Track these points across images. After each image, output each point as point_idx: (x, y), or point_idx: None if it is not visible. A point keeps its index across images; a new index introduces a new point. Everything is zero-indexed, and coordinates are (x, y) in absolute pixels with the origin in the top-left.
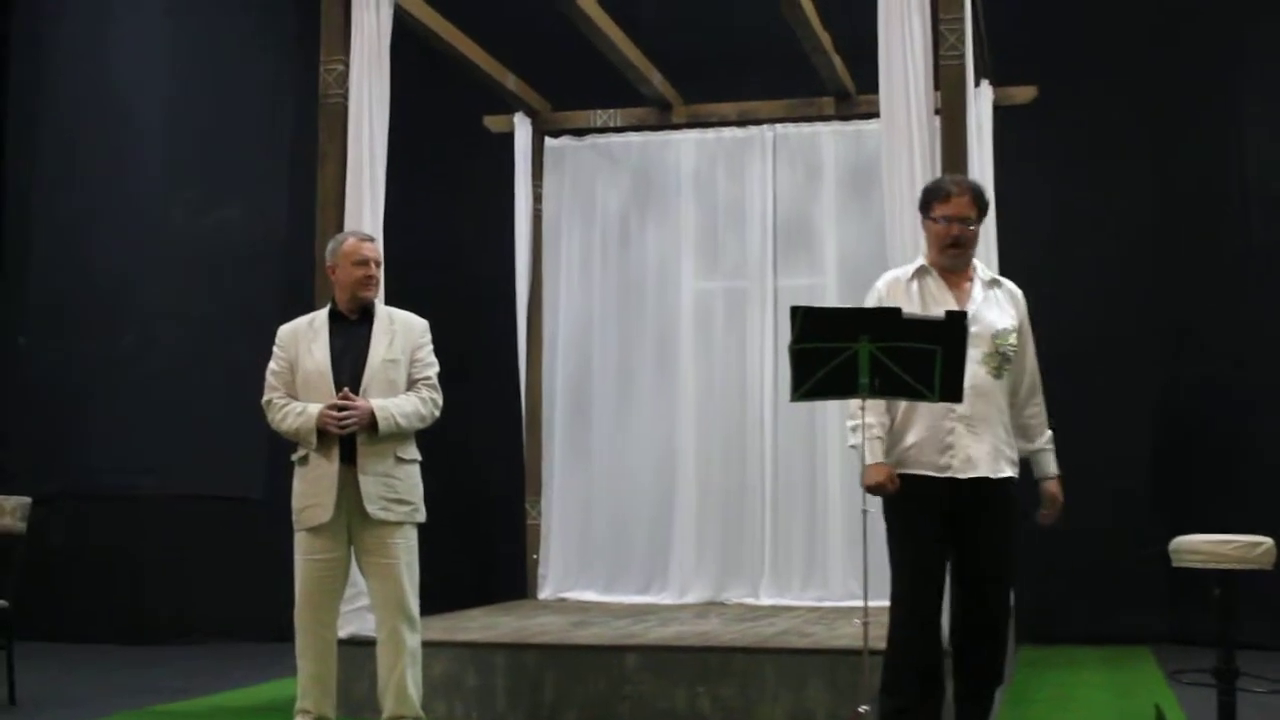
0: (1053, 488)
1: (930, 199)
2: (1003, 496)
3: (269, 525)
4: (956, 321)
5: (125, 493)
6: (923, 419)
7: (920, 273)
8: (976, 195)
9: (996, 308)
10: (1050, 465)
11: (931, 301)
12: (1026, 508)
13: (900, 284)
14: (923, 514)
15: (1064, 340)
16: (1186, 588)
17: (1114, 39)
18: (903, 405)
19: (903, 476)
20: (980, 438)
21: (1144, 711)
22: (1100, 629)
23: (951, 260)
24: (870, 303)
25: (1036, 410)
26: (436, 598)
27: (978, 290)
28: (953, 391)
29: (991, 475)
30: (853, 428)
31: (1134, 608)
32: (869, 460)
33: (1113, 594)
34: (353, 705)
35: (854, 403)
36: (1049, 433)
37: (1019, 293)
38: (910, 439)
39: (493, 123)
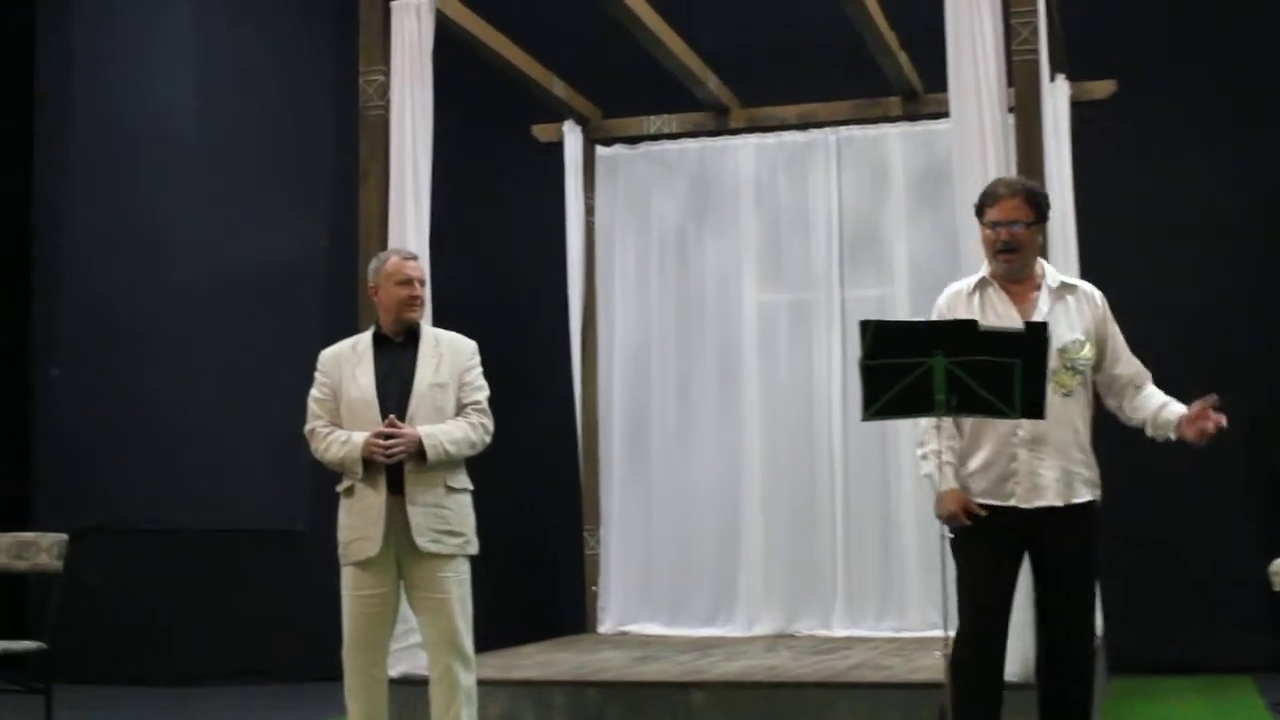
0: (1203, 406)
1: (982, 204)
2: (1078, 524)
3: (314, 559)
4: (1037, 333)
5: (163, 528)
6: (987, 443)
7: (981, 285)
8: (1030, 196)
9: (1065, 319)
10: (1175, 409)
11: (993, 315)
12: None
13: (961, 297)
14: (985, 544)
15: (1150, 348)
16: None
17: (1197, 26)
18: (968, 427)
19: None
20: (1046, 462)
21: None
22: (1198, 658)
23: (1006, 267)
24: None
25: (1151, 391)
26: (491, 633)
27: (1044, 300)
28: (1035, 407)
29: (1060, 504)
30: (923, 455)
31: (1234, 635)
32: (942, 488)
33: (1211, 620)
34: None
35: (922, 427)
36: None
37: (1096, 294)
38: (973, 464)
39: (541, 132)
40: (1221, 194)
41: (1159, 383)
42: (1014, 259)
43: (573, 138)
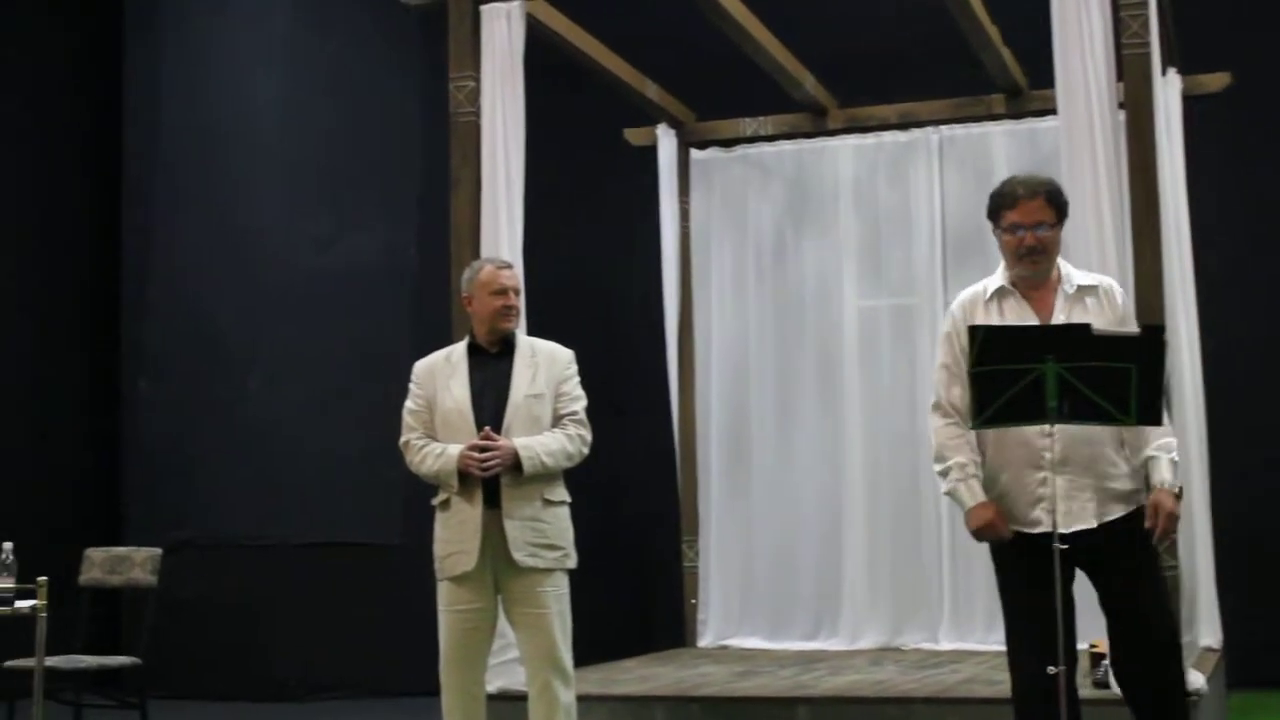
0: (1158, 496)
1: (998, 207)
2: (1121, 538)
3: (409, 573)
4: (1154, 336)
5: (254, 542)
6: (1011, 464)
7: (1000, 294)
8: (1051, 195)
9: (1087, 320)
10: (1159, 473)
11: (1013, 322)
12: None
13: (979, 304)
14: (1030, 573)
15: (1262, 343)
16: None
17: None
18: (990, 443)
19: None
20: (1076, 483)
21: None
22: None
23: (1032, 271)
24: (945, 327)
25: (1160, 433)
26: (589, 648)
27: (1060, 304)
28: (1151, 413)
29: (1096, 524)
30: (942, 471)
31: None
32: (970, 502)
33: None
34: None
35: (938, 441)
36: (1164, 440)
37: (1116, 291)
38: (998, 489)
39: (634, 136)
40: None
41: None
42: (1040, 262)
43: (667, 141)
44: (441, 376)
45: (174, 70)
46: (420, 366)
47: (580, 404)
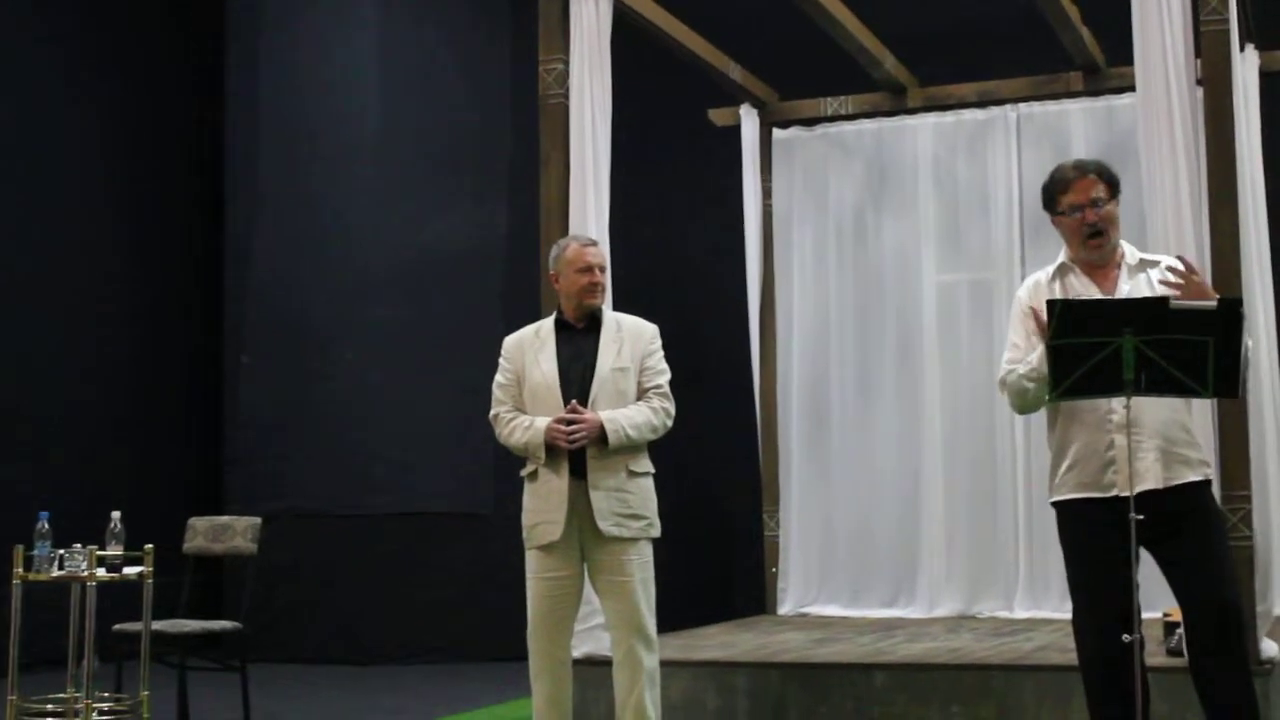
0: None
1: (1053, 193)
2: (1187, 502)
3: (498, 541)
4: (1232, 309)
5: (349, 511)
6: (1080, 435)
7: (1061, 271)
8: (1101, 172)
9: (1148, 292)
10: None
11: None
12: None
13: (1042, 287)
14: (1094, 537)
15: None
16: None
17: None
18: (1062, 414)
19: (1068, 502)
20: (1143, 445)
21: None
22: None
23: (1096, 250)
24: (1015, 312)
25: None
26: (672, 615)
27: (1124, 279)
28: (1230, 385)
29: (1161, 485)
30: (1010, 375)
31: None
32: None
33: None
34: None
35: (1003, 371)
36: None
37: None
38: (1069, 459)
39: (718, 116)
40: None
41: None
42: (1104, 241)
43: (749, 121)
44: (530, 351)
45: (271, 64)
46: (509, 341)
47: (664, 378)
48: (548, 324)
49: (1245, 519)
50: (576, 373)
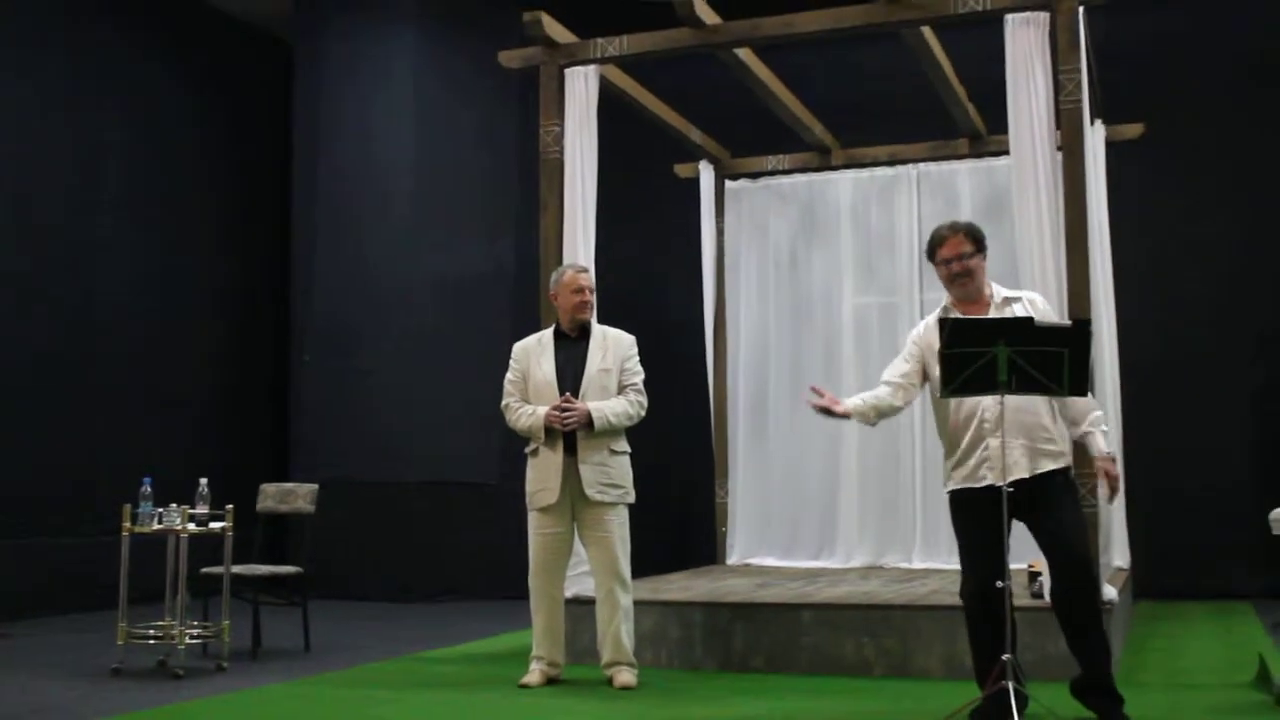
0: (1101, 464)
1: (932, 246)
2: (1050, 486)
3: (504, 506)
4: (1082, 328)
5: (391, 480)
6: (964, 438)
7: (944, 312)
8: (969, 232)
9: None
10: (1096, 445)
11: None
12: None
13: (931, 327)
14: (976, 517)
15: (1172, 345)
16: None
17: (1215, 75)
18: (952, 411)
19: (956, 491)
20: (1012, 444)
21: (1248, 658)
22: (1207, 586)
23: (963, 290)
24: (909, 341)
25: (1078, 399)
26: (643, 564)
27: (991, 313)
28: (1080, 386)
29: (1028, 475)
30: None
31: (1238, 569)
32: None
33: (1220, 558)
34: (577, 653)
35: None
36: (1094, 414)
37: (1038, 300)
38: (955, 459)
39: (681, 170)
40: (1230, 221)
41: (1186, 372)
42: (968, 282)
43: (707, 174)
44: (534, 355)
45: (327, 126)
46: (518, 347)
47: (639, 378)
48: (548, 333)
49: (1092, 490)
50: (570, 373)
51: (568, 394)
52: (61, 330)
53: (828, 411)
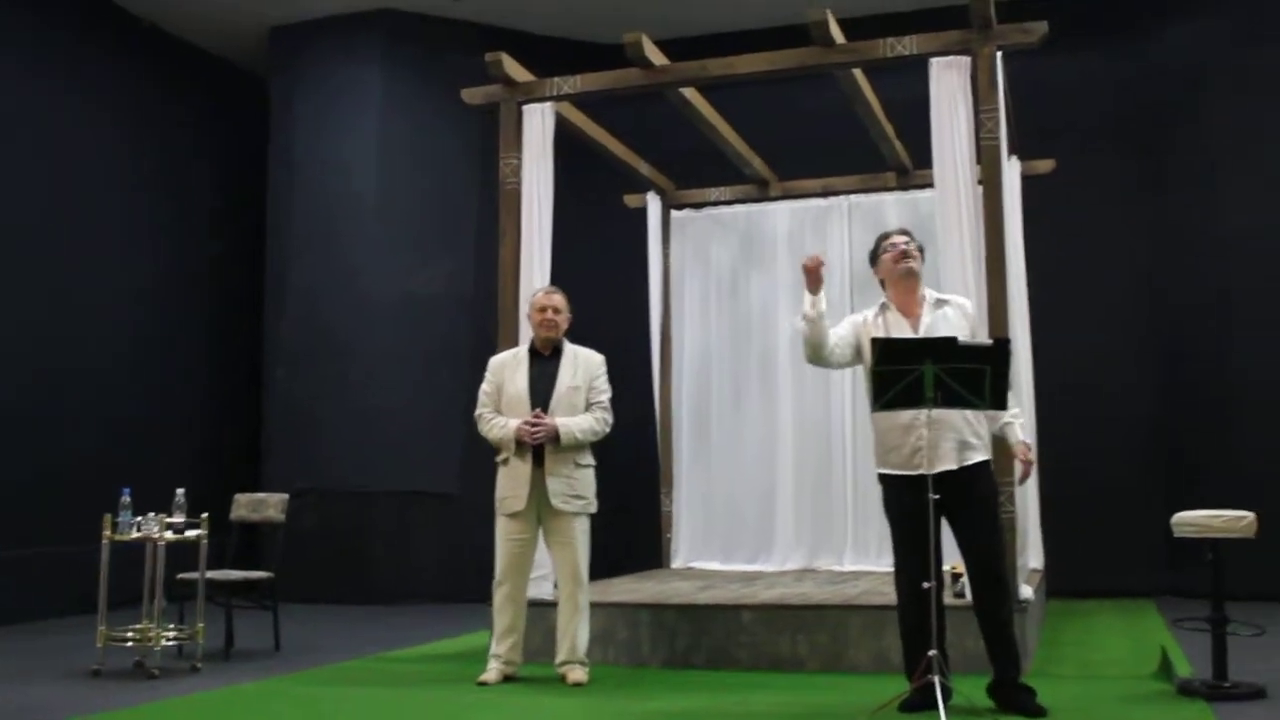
0: (1018, 449)
1: (876, 245)
2: (973, 479)
3: (464, 515)
4: (1002, 347)
5: (358, 490)
6: (897, 428)
7: (882, 308)
8: (909, 233)
9: (945, 324)
10: (1013, 435)
11: (894, 329)
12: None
13: (868, 320)
14: (906, 504)
15: (1079, 361)
16: (1185, 552)
17: (1117, 116)
18: (884, 413)
19: (889, 475)
20: (943, 436)
21: (1151, 651)
22: (1115, 585)
23: (908, 273)
24: (845, 326)
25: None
26: (593, 567)
27: (926, 314)
28: (1000, 401)
29: (956, 466)
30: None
31: (1142, 569)
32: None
33: (1125, 557)
34: (530, 652)
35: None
36: (1012, 410)
37: (968, 305)
38: (889, 445)
39: (631, 200)
40: (1134, 246)
41: (1095, 385)
42: (914, 263)
43: (654, 204)
44: (509, 370)
45: (302, 155)
46: (494, 360)
47: (606, 396)
48: (523, 350)
49: (1010, 498)
50: (541, 388)
51: (538, 409)
52: (45, 347)
53: (813, 271)
